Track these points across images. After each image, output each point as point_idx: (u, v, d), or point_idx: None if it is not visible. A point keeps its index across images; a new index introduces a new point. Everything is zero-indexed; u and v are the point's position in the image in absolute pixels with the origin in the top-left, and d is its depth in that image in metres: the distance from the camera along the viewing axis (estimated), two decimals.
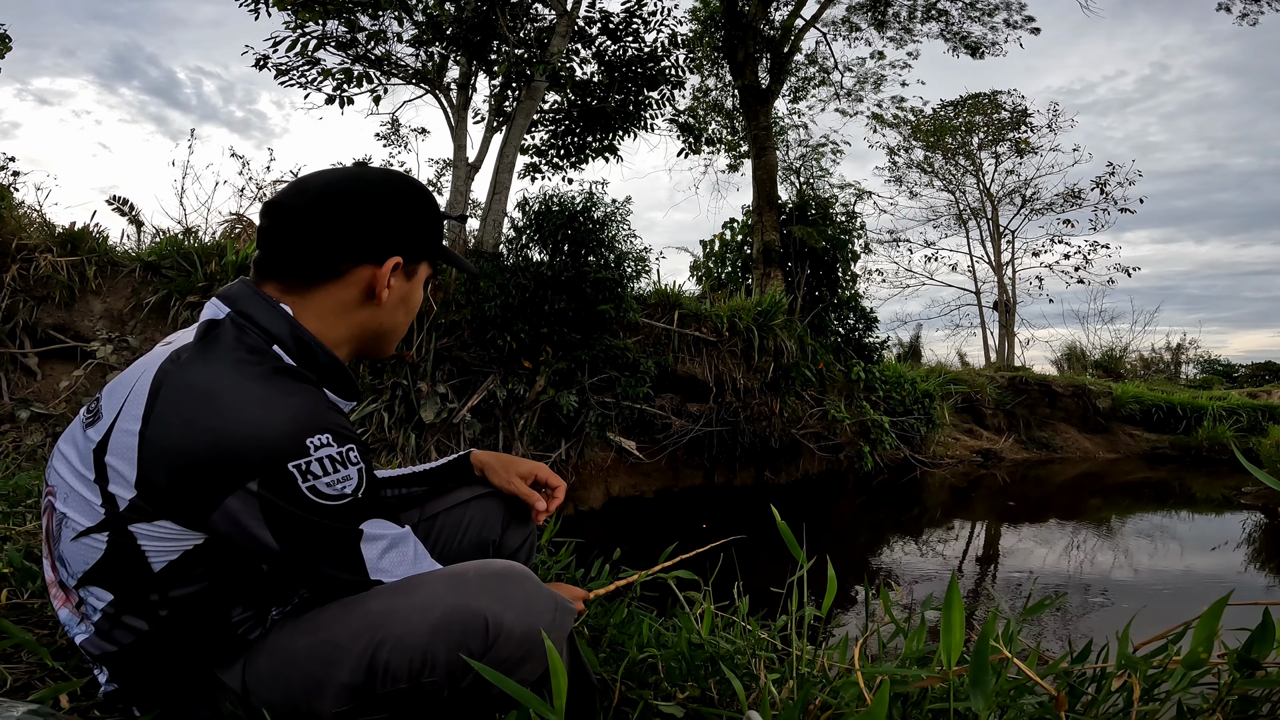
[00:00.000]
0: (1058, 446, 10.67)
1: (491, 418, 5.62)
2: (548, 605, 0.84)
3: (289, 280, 0.88)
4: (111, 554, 0.76)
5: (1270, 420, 11.18)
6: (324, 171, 0.91)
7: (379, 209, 0.89)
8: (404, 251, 0.92)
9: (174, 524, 0.75)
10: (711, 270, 10.38)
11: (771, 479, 7.28)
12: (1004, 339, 16.45)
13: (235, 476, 0.73)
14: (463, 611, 0.78)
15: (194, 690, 0.82)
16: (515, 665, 0.79)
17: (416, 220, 0.94)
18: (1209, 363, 20.63)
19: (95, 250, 5.02)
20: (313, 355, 0.86)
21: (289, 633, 0.83)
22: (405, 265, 0.93)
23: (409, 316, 1.00)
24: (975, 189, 17.55)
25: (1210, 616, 0.84)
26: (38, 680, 1.05)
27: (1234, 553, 5.03)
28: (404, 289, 0.95)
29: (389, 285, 0.91)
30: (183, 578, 0.78)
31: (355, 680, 0.78)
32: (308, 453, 0.75)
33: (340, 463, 0.78)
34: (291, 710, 0.80)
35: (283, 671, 0.81)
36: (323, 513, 0.77)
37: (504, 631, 0.78)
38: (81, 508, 0.77)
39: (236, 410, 0.73)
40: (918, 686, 0.94)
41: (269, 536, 0.75)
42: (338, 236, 0.87)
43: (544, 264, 5.91)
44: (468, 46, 6.81)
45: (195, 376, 0.76)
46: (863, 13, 11.80)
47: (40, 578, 1.38)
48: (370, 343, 0.97)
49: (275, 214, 0.87)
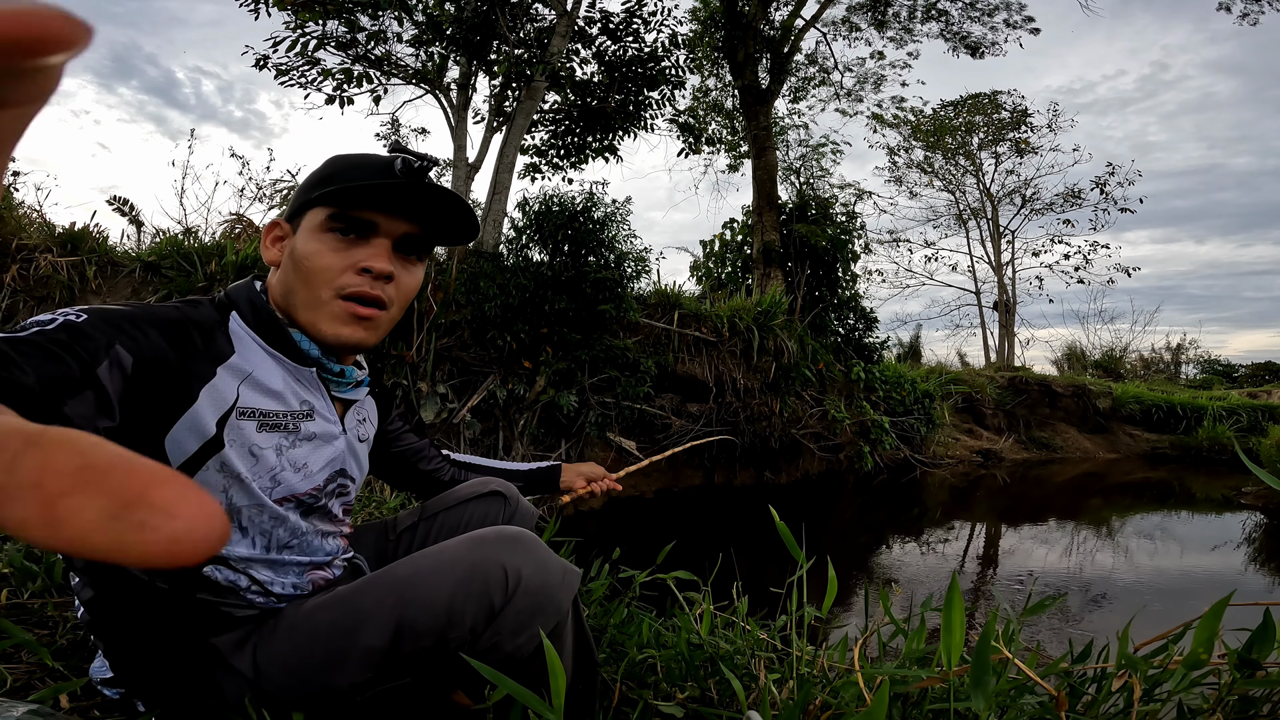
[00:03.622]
0: (1058, 446, 10.67)
1: (491, 418, 5.62)
2: (558, 565, 0.88)
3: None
4: None
5: (1270, 420, 11.18)
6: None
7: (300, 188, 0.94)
8: (287, 213, 0.94)
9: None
10: (711, 270, 10.38)
11: (771, 479, 7.28)
12: (1004, 339, 16.46)
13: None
14: (484, 564, 0.82)
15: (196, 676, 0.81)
16: (530, 618, 0.83)
17: (305, 184, 0.93)
18: (1209, 363, 20.66)
19: (95, 250, 5.02)
20: (259, 315, 0.88)
21: (310, 610, 0.84)
22: (289, 222, 0.92)
23: (299, 270, 0.87)
24: (975, 189, 17.57)
25: (1211, 617, 0.84)
26: (38, 680, 1.05)
27: (1234, 553, 5.03)
28: (290, 245, 0.90)
29: (269, 245, 0.94)
30: None
31: (381, 643, 0.80)
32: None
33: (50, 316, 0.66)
34: (304, 690, 0.80)
35: (302, 648, 0.81)
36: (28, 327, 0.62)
37: (523, 582, 0.82)
38: None
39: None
40: (918, 687, 0.94)
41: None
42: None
43: (544, 264, 5.91)
44: (468, 46, 6.81)
45: None
46: (863, 13, 11.81)
47: (40, 576, 1.38)
48: (289, 310, 0.89)
49: None
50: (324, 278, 0.86)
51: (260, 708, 0.80)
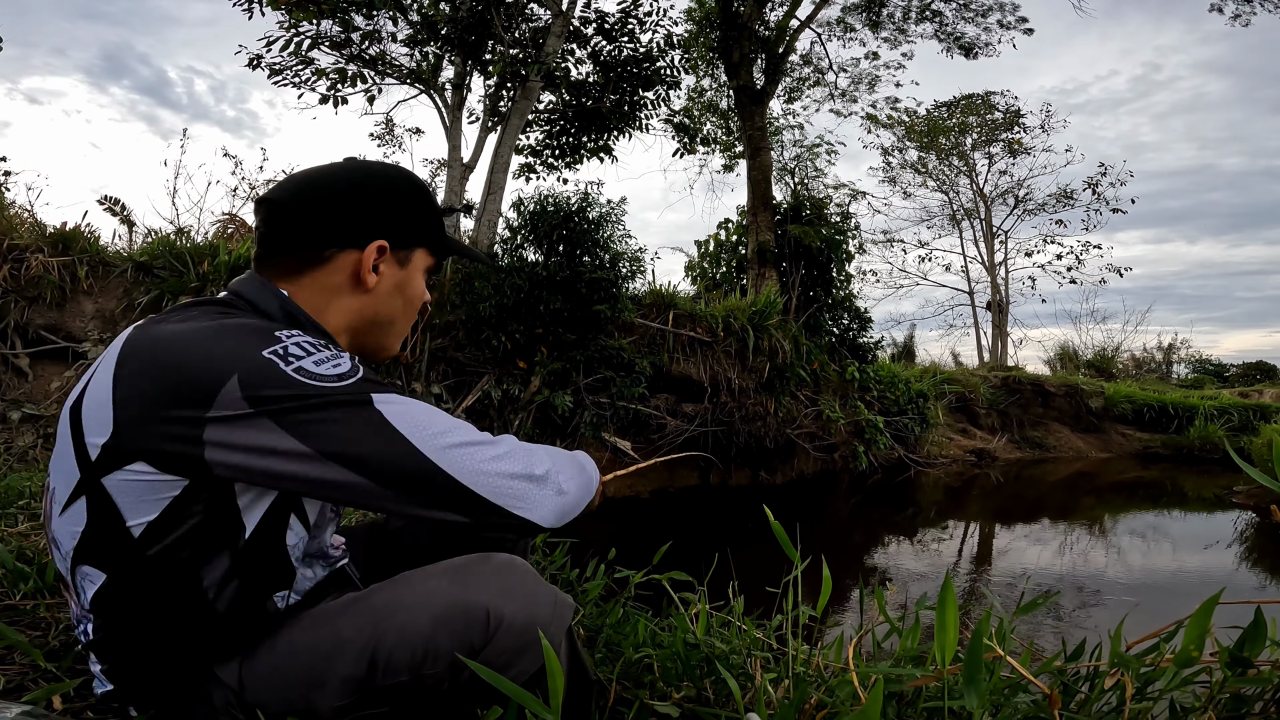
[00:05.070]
0: (1051, 446, 10.73)
1: (486, 418, 5.61)
2: (548, 598, 0.84)
3: (280, 269, 0.89)
4: (91, 523, 0.73)
5: (1261, 419, 11.26)
6: (312, 166, 0.93)
7: (360, 193, 0.90)
8: (389, 236, 0.91)
9: (149, 465, 0.70)
10: (706, 270, 10.39)
11: (767, 479, 7.30)
12: (997, 339, 16.54)
13: (213, 379, 0.68)
14: (465, 603, 0.78)
15: (190, 686, 0.81)
16: (516, 657, 0.79)
17: (401, 205, 0.93)
18: (1200, 362, 20.80)
19: (87, 250, 4.98)
20: (301, 327, 0.84)
21: (290, 629, 0.83)
22: (394, 251, 0.92)
23: (409, 308, 0.98)
24: (969, 189, 17.65)
25: (1202, 615, 0.85)
26: (30, 682, 1.04)
27: (1226, 551, 5.07)
28: (397, 276, 0.94)
29: (376, 271, 0.91)
30: (162, 543, 0.73)
31: (357, 673, 0.77)
32: (279, 340, 0.73)
33: (321, 348, 0.75)
34: (288, 708, 0.79)
35: (282, 667, 0.80)
36: (324, 394, 0.70)
37: (505, 623, 0.78)
38: (63, 473, 0.75)
39: (211, 335, 0.73)
40: (912, 685, 0.94)
41: (283, 439, 0.69)
42: (319, 221, 0.88)
43: (539, 264, 5.90)
44: (463, 46, 6.80)
45: (168, 327, 0.76)
46: (857, 13, 11.84)
47: (32, 578, 1.37)
48: (368, 334, 0.95)
49: (263, 208, 0.89)
50: (416, 311, 1.00)
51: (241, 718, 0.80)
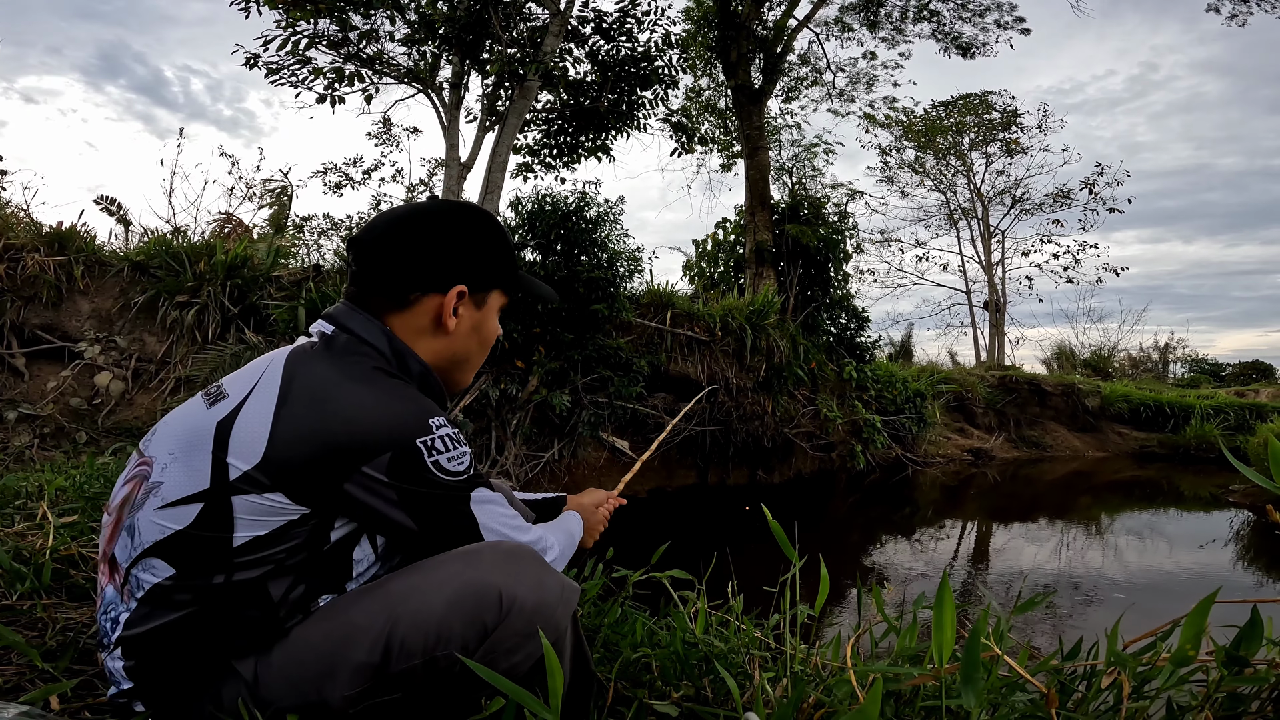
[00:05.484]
0: (1047, 445, 10.75)
1: (484, 417, 5.61)
2: (556, 583, 0.87)
3: (373, 307, 0.95)
4: (196, 525, 0.78)
5: (1257, 419, 11.30)
6: (397, 207, 0.99)
7: (441, 239, 0.95)
8: (469, 280, 0.97)
9: (285, 497, 0.79)
10: (704, 270, 10.40)
11: (764, 478, 7.30)
12: (994, 338, 16.57)
13: (368, 452, 0.80)
14: (477, 585, 0.81)
15: (206, 684, 0.81)
16: (525, 639, 0.82)
17: (480, 250, 0.99)
18: (1197, 362, 20.88)
19: (83, 250, 4.97)
20: (407, 364, 0.94)
21: (303, 624, 0.84)
22: (472, 294, 0.98)
23: (483, 346, 1.05)
24: (966, 189, 17.68)
25: (1198, 614, 0.85)
26: (28, 682, 1.04)
27: (1222, 551, 5.08)
28: (474, 318, 1.01)
29: (456, 314, 0.97)
30: (257, 554, 0.80)
31: (372, 659, 0.79)
32: (431, 430, 0.84)
33: (456, 441, 0.88)
34: (300, 699, 0.80)
35: (297, 657, 0.81)
36: (445, 488, 0.86)
37: (516, 604, 0.81)
38: (183, 476, 0.80)
39: (368, 398, 0.82)
40: (910, 684, 0.95)
41: (403, 515, 0.84)
42: (404, 266, 0.94)
43: (537, 264, 5.90)
44: (460, 46, 6.79)
45: (325, 370, 0.85)
46: (855, 13, 11.86)
47: (29, 578, 1.37)
48: (447, 371, 1.02)
49: (352, 249, 0.96)
50: (489, 348, 1.08)
51: (255, 713, 0.80)
